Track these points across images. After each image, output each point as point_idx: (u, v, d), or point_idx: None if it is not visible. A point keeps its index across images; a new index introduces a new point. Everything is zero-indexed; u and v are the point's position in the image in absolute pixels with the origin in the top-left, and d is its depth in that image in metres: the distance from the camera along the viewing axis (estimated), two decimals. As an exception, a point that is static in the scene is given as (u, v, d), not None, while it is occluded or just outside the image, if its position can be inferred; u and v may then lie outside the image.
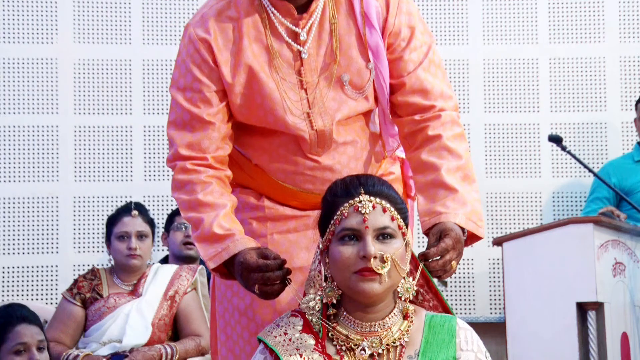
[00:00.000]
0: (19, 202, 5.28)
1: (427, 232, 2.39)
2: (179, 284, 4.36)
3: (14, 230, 5.24)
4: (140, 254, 4.34)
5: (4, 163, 5.28)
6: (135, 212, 4.38)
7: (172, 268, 4.47)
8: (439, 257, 2.29)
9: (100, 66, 5.39)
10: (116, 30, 5.41)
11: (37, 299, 5.08)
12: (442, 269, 2.30)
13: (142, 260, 4.36)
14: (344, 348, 2.22)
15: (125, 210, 4.44)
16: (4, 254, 5.25)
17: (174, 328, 4.34)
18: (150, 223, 4.43)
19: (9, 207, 5.27)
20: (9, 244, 5.24)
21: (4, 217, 5.26)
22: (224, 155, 2.50)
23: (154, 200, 5.29)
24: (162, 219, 5.11)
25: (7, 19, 5.33)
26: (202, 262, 4.82)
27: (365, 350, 2.20)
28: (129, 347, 4.16)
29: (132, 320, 4.21)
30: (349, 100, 2.49)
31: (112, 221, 4.43)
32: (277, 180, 2.54)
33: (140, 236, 4.37)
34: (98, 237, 5.17)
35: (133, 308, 4.25)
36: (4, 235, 5.25)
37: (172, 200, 4.61)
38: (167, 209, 5.18)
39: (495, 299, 5.41)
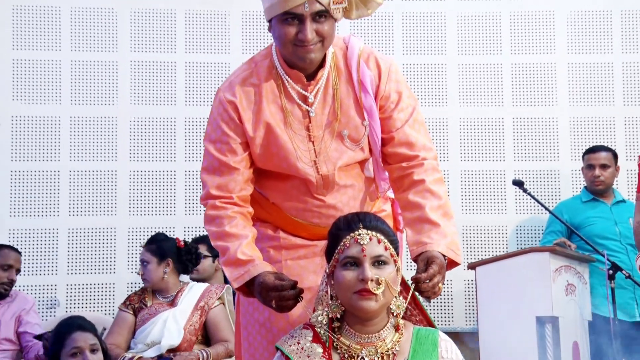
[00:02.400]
0: (84, 232, 5.26)
1: (415, 259, 2.35)
2: (208, 297, 4.34)
3: (80, 255, 5.22)
4: (145, 277, 4.37)
5: (73, 200, 5.26)
6: (142, 247, 4.45)
7: (204, 285, 4.46)
8: (428, 281, 2.25)
9: (150, 123, 5.40)
10: (164, 94, 5.43)
11: (97, 311, 5.04)
12: (432, 291, 2.26)
13: (148, 283, 4.38)
14: (346, 356, 2.20)
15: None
16: (72, 273, 5.22)
17: (204, 333, 4.31)
18: (152, 251, 4.38)
19: (76, 236, 5.25)
20: (76, 266, 5.22)
21: (73, 244, 5.25)
22: (247, 195, 2.48)
23: (192, 231, 5.28)
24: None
25: (77, 85, 5.34)
26: (227, 282, 4.81)
27: (364, 359, 2.18)
28: (167, 347, 4.15)
29: (169, 325, 4.21)
30: (348, 150, 2.48)
31: None
32: (290, 216, 2.52)
33: (143, 262, 4.38)
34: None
35: (170, 315, 4.24)
36: (72, 258, 5.24)
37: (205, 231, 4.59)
38: (204, 238, 5.16)
39: (469, 313, 5.35)
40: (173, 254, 4.39)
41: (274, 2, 2.32)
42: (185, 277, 4.59)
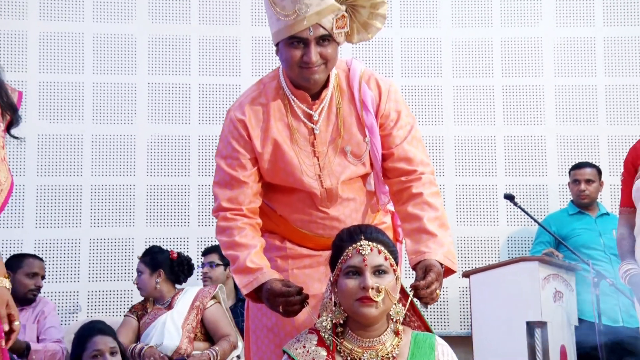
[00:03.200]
0: (104, 242, 5.24)
1: (414, 267, 2.34)
2: (202, 297, 4.34)
3: (100, 263, 5.20)
4: (139, 286, 4.45)
5: (94, 212, 5.25)
6: (138, 258, 4.53)
7: (197, 287, 4.48)
8: (427, 287, 2.23)
9: (166, 140, 5.38)
10: (179, 114, 5.42)
11: (116, 315, 4.99)
12: (430, 297, 2.24)
13: (142, 291, 4.45)
14: (349, 359, 2.19)
15: None
16: (93, 281, 5.19)
17: (203, 331, 4.31)
18: (146, 262, 4.44)
19: (97, 246, 5.23)
20: (96, 273, 5.19)
21: (94, 253, 5.22)
22: (256, 207, 2.47)
23: (204, 241, 5.25)
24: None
25: (98, 105, 5.33)
26: (236, 288, 4.79)
27: None
28: (170, 349, 4.15)
29: (168, 325, 4.22)
30: (350, 165, 2.46)
31: None
32: (296, 227, 2.50)
33: (138, 272, 4.45)
34: (163, 269, 5.13)
35: (167, 317, 4.25)
36: (93, 266, 5.21)
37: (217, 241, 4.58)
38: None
39: (464, 318, 5.31)
40: (165, 265, 4.42)
41: (281, 27, 2.32)
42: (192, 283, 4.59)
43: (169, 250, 4.55)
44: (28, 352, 4.02)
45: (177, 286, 4.49)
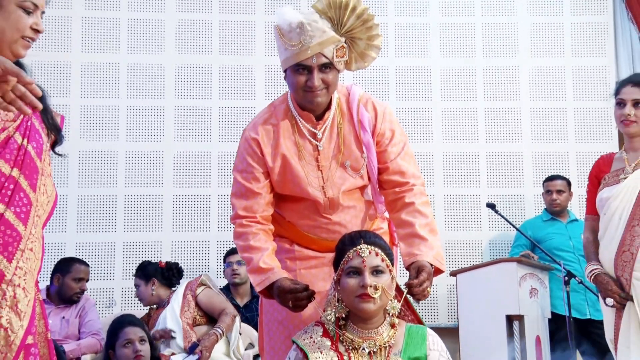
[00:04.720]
0: (136, 245, 5.23)
1: (407, 267, 2.33)
2: (191, 287, 4.27)
3: (133, 263, 5.17)
4: (140, 297, 4.43)
5: (128, 219, 5.24)
6: (133, 276, 4.50)
7: (185, 282, 4.39)
8: (419, 286, 2.23)
9: (191, 156, 5.38)
10: (201, 133, 5.41)
11: (146, 309, 4.93)
12: (422, 294, 2.24)
13: (143, 301, 4.43)
14: (350, 348, 2.19)
15: None
16: (126, 279, 5.18)
17: (203, 314, 4.23)
18: (140, 276, 4.42)
19: (130, 248, 5.22)
20: (130, 273, 5.16)
21: (127, 254, 5.21)
22: (268, 215, 2.46)
23: (224, 244, 5.22)
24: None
25: (131, 126, 5.33)
26: (251, 286, 4.77)
27: (365, 349, 2.17)
28: (177, 342, 4.07)
29: (168, 319, 4.16)
30: (350, 178, 2.45)
31: None
32: (303, 232, 2.50)
33: (135, 286, 4.44)
34: (188, 271, 5.09)
35: (167, 312, 4.20)
36: (126, 266, 5.20)
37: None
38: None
39: (451, 312, 5.28)
40: (157, 274, 4.39)
41: (288, 56, 2.34)
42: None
43: (158, 261, 4.53)
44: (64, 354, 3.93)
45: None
